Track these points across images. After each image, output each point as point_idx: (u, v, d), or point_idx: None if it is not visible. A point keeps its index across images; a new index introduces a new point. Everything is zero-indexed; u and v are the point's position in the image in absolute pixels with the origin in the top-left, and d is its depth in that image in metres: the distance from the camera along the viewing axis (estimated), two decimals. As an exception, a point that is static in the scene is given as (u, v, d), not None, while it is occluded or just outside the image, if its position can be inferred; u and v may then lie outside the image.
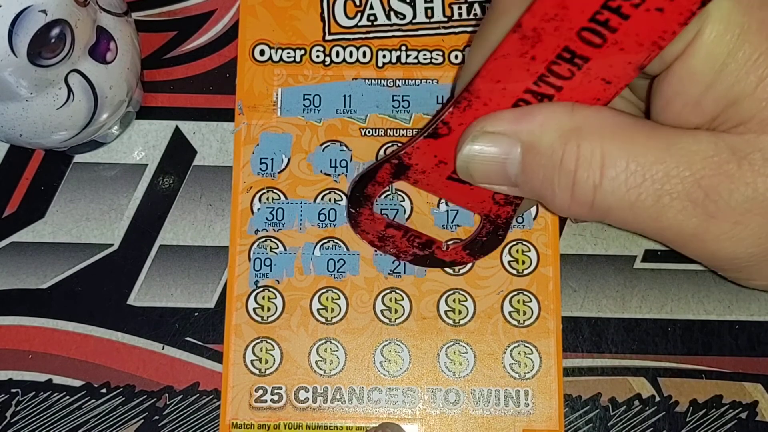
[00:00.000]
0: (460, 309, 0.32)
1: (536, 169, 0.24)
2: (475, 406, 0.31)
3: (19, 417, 0.31)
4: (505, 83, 0.24)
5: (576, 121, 0.23)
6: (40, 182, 0.33)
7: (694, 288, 0.32)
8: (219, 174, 0.33)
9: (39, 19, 0.24)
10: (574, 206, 0.24)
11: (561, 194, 0.24)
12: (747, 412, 0.31)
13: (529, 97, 0.24)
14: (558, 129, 0.23)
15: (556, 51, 0.22)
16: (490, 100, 0.24)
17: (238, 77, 0.34)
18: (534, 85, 0.23)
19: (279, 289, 0.32)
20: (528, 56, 0.22)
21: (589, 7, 0.21)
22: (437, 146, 0.27)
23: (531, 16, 0.21)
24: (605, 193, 0.23)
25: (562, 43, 0.22)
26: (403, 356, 0.32)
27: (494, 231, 0.30)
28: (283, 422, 0.31)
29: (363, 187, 0.29)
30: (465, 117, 0.25)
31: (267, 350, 0.32)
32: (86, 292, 0.32)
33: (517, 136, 0.24)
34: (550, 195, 0.24)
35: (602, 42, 0.22)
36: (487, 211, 0.29)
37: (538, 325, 0.32)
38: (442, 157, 0.27)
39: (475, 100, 0.24)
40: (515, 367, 0.32)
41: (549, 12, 0.21)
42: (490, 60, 0.23)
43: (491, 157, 0.25)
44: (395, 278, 0.32)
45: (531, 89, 0.24)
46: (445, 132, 0.26)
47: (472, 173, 0.26)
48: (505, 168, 0.25)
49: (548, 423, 0.31)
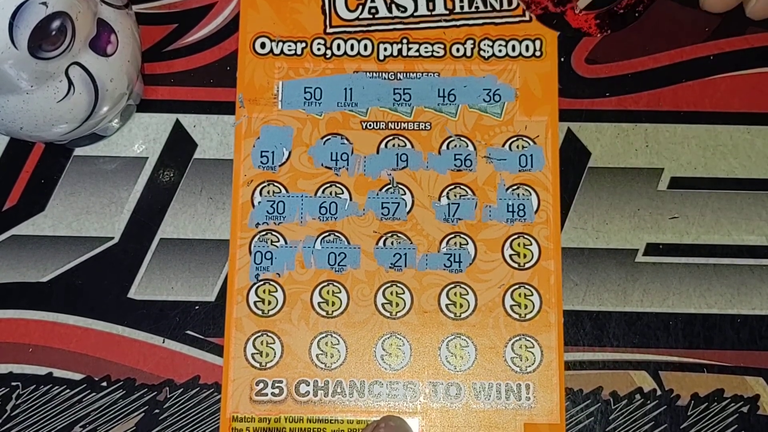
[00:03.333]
0: (461, 302, 0.32)
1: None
2: (476, 399, 0.31)
3: (20, 410, 0.31)
4: None
5: None
6: (40, 175, 0.33)
7: (696, 282, 0.32)
8: (219, 167, 0.33)
9: (39, 11, 0.24)
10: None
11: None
12: (748, 405, 0.31)
13: None
14: None
15: None
16: None
17: (238, 70, 0.34)
18: None
19: (280, 282, 0.32)
20: None
21: None
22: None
23: None
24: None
25: None
26: (404, 350, 0.32)
27: (634, 5, 0.28)
28: (283, 416, 0.31)
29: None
30: None
31: (268, 344, 0.32)
32: (87, 285, 0.32)
33: None
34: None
35: None
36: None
37: (540, 319, 0.32)
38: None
39: None
40: (516, 361, 0.32)
41: None
42: None
43: None
44: (396, 272, 0.32)
45: None
46: None
47: None
48: None
49: (549, 417, 0.31)
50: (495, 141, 0.33)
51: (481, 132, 0.33)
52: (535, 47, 0.33)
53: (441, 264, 0.32)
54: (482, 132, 0.33)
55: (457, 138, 0.33)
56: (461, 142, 0.33)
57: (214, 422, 0.31)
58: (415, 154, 0.33)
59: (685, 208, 0.33)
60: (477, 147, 0.33)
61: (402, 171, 0.33)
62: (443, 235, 0.32)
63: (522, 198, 0.32)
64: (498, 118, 0.33)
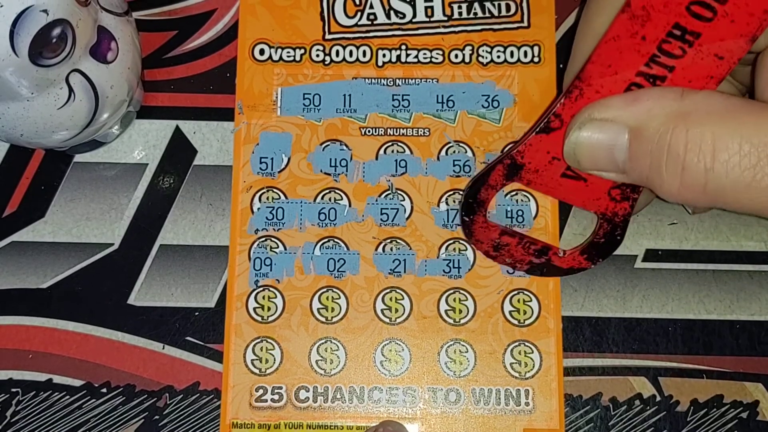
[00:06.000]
0: (460, 308, 0.32)
1: (644, 155, 0.24)
2: (475, 405, 0.31)
3: (20, 417, 0.31)
4: (616, 67, 0.23)
5: (685, 105, 0.23)
6: (40, 182, 0.33)
7: (695, 287, 0.32)
8: (219, 173, 0.33)
9: (40, 19, 0.24)
10: (684, 191, 0.24)
11: (670, 179, 0.24)
12: (748, 411, 0.31)
13: (641, 80, 0.24)
14: (666, 114, 0.23)
15: (667, 28, 0.22)
16: (601, 87, 0.24)
17: (237, 77, 0.34)
18: (646, 67, 0.23)
19: (279, 288, 0.32)
20: (638, 36, 0.22)
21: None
22: (550, 141, 0.26)
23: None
24: (718, 176, 0.23)
25: (672, 20, 0.22)
26: (404, 355, 0.32)
27: (612, 231, 0.29)
28: (283, 422, 0.31)
29: (476, 193, 0.29)
30: (576, 107, 0.25)
31: (267, 350, 0.32)
32: (86, 291, 0.32)
33: (624, 122, 0.24)
34: (658, 181, 0.24)
35: (712, 15, 0.21)
36: (604, 209, 0.28)
37: (539, 325, 0.32)
38: (555, 153, 0.27)
39: (587, 89, 0.24)
40: (516, 367, 0.32)
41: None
42: (600, 45, 0.23)
43: (599, 143, 0.25)
44: (395, 277, 0.32)
45: (643, 71, 0.23)
46: (558, 125, 0.26)
47: (579, 159, 0.26)
48: (612, 154, 0.25)
49: (549, 422, 0.31)
50: (494, 147, 0.33)
51: (480, 138, 0.33)
52: (533, 53, 0.34)
53: (440, 270, 0.32)
54: (481, 138, 0.33)
55: (456, 144, 0.33)
56: (460, 148, 0.33)
57: (213, 429, 0.31)
58: (414, 160, 0.33)
59: (684, 214, 0.33)
60: (476, 153, 0.33)
61: (401, 177, 0.33)
62: (442, 240, 0.32)
63: (521, 204, 0.32)
64: (497, 124, 0.33)
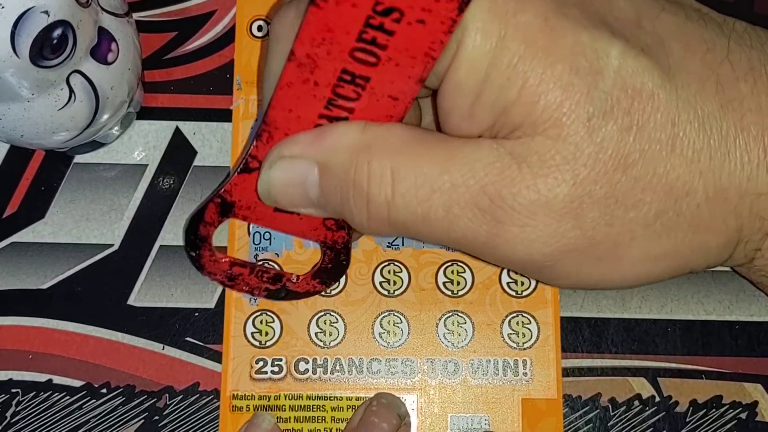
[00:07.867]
0: (458, 280, 0.32)
1: (333, 190, 0.24)
2: (473, 375, 0.31)
3: (20, 417, 0.31)
4: (297, 111, 0.23)
5: (366, 138, 0.23)
6: (40, 183, 0.33)
7: (694, 288, 0.32)
8: (219, 174, 0.33)
9: (41, 20, 0.24)
10: (373, 223, 0.24)
11: (358, 212, 0.24)
12: (747, 412, 0.32)
13: (324, 122, 0.24)
14: (349, 148, 0.23)
15: (336, 74, 0.22)
16: (288, 129, 0.24)
17: (236, 52, 0.34)
18: (325, 110, 0.23)
19: (278, 262, 0.32)
20: (311, 82, 0.22)
21: (354, 28, 0.21)
22: (253, 180, 0.26)
23: (301, 43, 0.21)
24: (398, 208, 0.23)
25: (339, 66, 0.22)
26: (402, 327, 0.32)
27: (336, 257, 0.29)
28: (283, 393, 0.31)
29: (195, 230, 0.28)
30: (269, 148, 0.25)
31: (267, 322, 0.32)
32: (86, 292, 0.32)
33: (312, 158, 0.24)
34: (349, 214, 0.24)
35: (377, 60, 0.21)
36: (323, 239, 0.28)
37: (536, 296, 0.32)
38: None
39: (275, 131, 0.24)
40: (513, 337, 0.32)
41: (316, 37, 0.21)
42: (276, 90, 0.23)
43: (290, 181, 0.24)
44: (394, 250, 0.32)
45: (324, 114, 0.23)
46: (256, 165, 0.25)
47: (275, 198, 0.25)
48: (306, 190, 0.24)
49: (546, 392, 0.31)
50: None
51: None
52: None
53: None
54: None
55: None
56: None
57: (213, 429, 0.31)
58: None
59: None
60: None
61: None
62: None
63: None
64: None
